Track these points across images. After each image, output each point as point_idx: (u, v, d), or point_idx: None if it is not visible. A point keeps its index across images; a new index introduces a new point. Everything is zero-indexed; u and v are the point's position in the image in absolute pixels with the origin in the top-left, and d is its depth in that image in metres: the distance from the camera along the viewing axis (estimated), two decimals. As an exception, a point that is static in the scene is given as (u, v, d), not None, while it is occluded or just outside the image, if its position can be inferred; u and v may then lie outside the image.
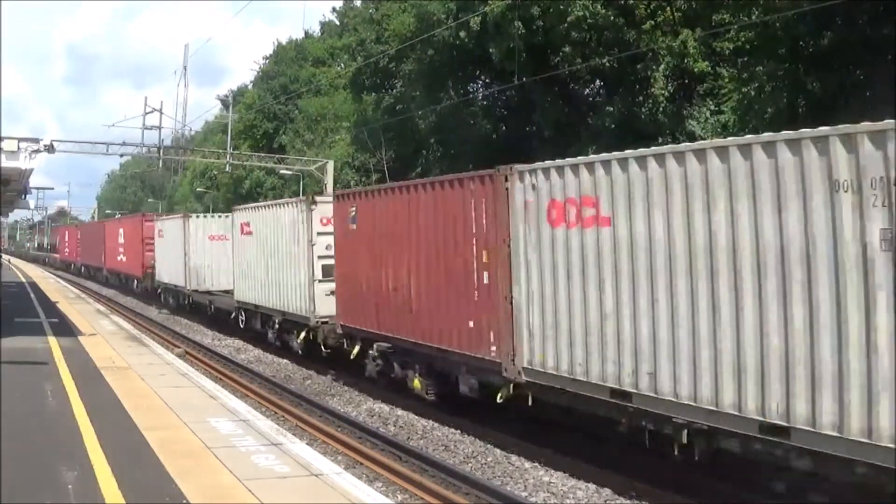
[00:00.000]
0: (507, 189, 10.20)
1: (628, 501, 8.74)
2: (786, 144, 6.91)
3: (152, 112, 43.78)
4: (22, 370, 12.41)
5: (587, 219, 8.91)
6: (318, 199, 17.44)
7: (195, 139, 79.51)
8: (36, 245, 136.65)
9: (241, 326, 21.38)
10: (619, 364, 8.55)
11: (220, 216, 28.22)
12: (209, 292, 25.86)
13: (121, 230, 39.24)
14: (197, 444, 8.25)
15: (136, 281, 36.17)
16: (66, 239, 63.26)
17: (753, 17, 23.02)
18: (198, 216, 28.55)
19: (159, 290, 31.62)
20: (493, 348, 10.48)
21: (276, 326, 18.91)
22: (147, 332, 21.66)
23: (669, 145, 9.31)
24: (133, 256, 35.90)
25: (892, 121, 6.22)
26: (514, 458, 10.32)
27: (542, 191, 9.61)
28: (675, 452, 8.05)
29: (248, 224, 20.75)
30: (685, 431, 7.88)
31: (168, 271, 29.42)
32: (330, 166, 39.45)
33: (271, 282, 18.92)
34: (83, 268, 52.43)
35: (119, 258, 39.41)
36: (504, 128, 35.46)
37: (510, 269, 10.14)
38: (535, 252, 9.74)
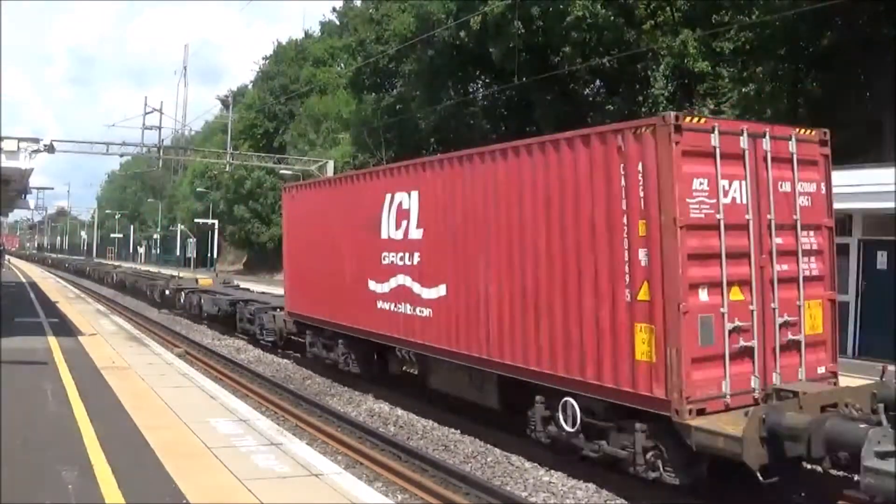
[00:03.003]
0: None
1: (628, 502, 8.75)
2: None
3: (152, 112, 43.82)
4: (22, 370, 12.41)
5: None
6: None
7: (195, 139, 79.49)
8: (36, 245, 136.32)
9: None
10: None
11: None
12: None
13: None
14: (197, 443, 8.26)
15: None
16: (334, 221, 14.80)
17: (753, 17, 23.03)
18: None
19: None
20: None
21: None
22: (147, 332, 21.66)
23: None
24: None
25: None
26: (514, 458, 10.32)
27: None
28: None
29: None
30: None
31: None
32: (330, 166, 39.47)
33: None
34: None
35: None
36: (504, 128, 35.46)
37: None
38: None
